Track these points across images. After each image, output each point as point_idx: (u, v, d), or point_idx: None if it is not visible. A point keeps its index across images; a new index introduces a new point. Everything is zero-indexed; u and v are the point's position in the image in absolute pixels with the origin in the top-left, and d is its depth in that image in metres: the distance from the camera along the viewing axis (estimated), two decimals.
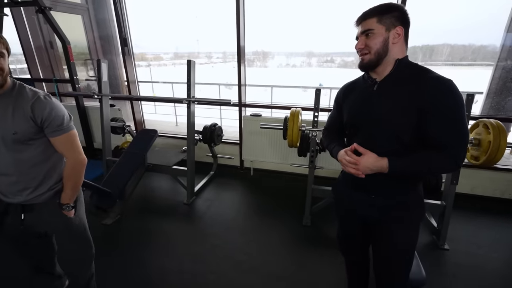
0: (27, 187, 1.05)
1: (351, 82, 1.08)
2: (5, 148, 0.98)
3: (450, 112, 0.82)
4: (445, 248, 1.91)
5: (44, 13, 2.82)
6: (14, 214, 1.08)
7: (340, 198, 1.15)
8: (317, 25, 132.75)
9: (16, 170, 1.02)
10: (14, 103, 0.97)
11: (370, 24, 0.87)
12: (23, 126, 0.97)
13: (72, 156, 1.10)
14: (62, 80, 3.44)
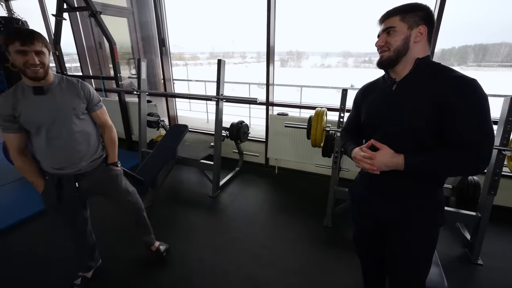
0: (85, 155, 1.30)
1: (370, 82, 1.07)
2: (66, 123, 1.22)
3: (473, 112, 0.78)
4: (479, 263, 1.77)
5: (95, 17, 3.14)
6: (68, 184, 1.29)
7: (356, 199, 1.15)
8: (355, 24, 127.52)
9: (77, 142, 1.26)
10: (66, 87, 1.24)
11: (392, 22, 0.87)
12: (77, 102, 1.25)
13: (110, 124, 1.44)
14: (108, 77, 3.79)
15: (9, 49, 1.07)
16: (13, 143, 1.20)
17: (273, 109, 3.13)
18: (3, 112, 1.14)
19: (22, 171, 1.25)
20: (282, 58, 48.65)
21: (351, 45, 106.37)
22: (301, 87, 4.88)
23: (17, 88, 1.17)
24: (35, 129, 1.18)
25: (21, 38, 1.06)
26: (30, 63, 1.08)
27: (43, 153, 1.23)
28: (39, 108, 1.17)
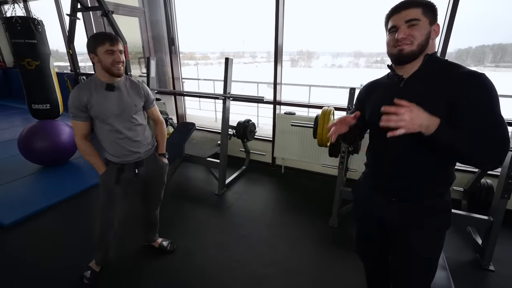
0: (144, 144, 1.49)
1: (374, 80, 1.05)
2: (129, 117, 1.39)
3: (484, 106, 0.75)
4: (490, 269, 1.71)
5: (108, 17, 3.21)
6: (129, 169, 1.47)
7: (358, 199, 1.12)
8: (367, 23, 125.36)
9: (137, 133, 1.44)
10: (130, 86, 1.42)
11: (415, 14, 0.80)
12: (138, 100, 1.44)
13: (162, 119, 1.64)
14: None
15: (97, 51, 1.25)
16: (80, 129, 1.35)
17: (281, 108, 3.12)
18: (78, 103, 1.29)
19: (85, 153, 1.40)
20: (292, 58, 48.40)
21: (362, 45, 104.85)
22: (309, 86, 4.84)
23: (91, 82, 1.33)
24: (102, 120, 1.34)
25: (110, 40, 1.25)
26: (117, 61, 1.27)
27: (108, 142, 1.40)
28: (108, 102, 1.33)
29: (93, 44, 1.25)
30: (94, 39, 1.26)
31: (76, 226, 2.16)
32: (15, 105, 6.22)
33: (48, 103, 2.95)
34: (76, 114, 1.31)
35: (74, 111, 1.31)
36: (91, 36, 1.29)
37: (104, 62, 1.27)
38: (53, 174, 2.91)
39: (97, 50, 1.25)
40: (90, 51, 1.28)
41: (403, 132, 0.71)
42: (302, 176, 3.04)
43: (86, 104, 1.29)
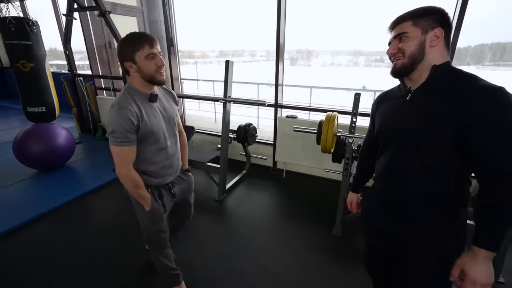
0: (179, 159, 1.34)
1: (386, 91, 0.99)
2: (173, 130, 1.25)
3: (503, 129, 0.67)
4: (500, 281, 1.66)
5: (105, 16, 3.13)
6: (167, 192, 1.29)
7: (367, 214, 1.07)
8: (366, 22, 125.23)
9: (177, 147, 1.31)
10: (167, 94, 1.26)
11: (403, 28, 0.80)
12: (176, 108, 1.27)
13: (183, 131, 1.45)
14: (116, 77, 3.79)
15: (136, 58, 1.02)
16: (131, 156, 1.10)
17: (282, 111, 3.06)
18: (129, 124, 1.03)
19: (136, 185, 1.14)
20: (291, 56, 48.30)
21: (362, 43, 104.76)
22: (311, 88, 4.77)
23: (132, 95, 1.09)
24: (151, 139, 1.14)
25: (149, 41, 1.02)
26: (159, 65, 1.06)
27: (153, 163, 1.19)
28: (156, 116, 1.15)
29: (130, 50, 1.02)
30: (130, 43, 1.02)
31: (74, 233, 2.10)
32: (12, 106, 6.13)
33: (43, 106, 2.88)
34: (124, 138, 1.04)
35: (122, 135, 1.03)
36: (124, 40, 1.04)
37: (146, 70, 1.03)
38: (50, 179, 2.84)
39: (135, 57, 1.02)
40: (126, 59, 1.03)
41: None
42: (304, 180, 2.98)
43: (136, 122, 1.05)
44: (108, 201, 2.54)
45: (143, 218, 1.28)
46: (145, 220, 1.28)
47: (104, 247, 1.94)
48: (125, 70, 1.08)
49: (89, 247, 1.94)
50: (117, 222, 2.22)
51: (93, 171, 3.07)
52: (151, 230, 1.31)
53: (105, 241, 2.00)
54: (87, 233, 2.09)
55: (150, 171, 1.20)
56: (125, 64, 1.05)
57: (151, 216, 1.26)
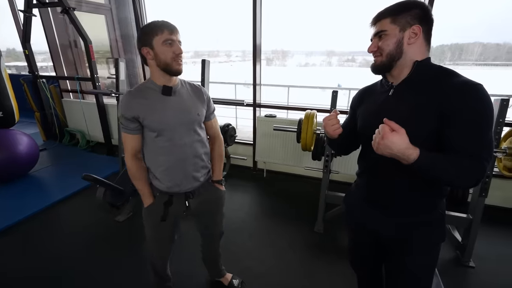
0: (203, 167, 1.19)
1: (368, 86, 1.00)
2: (190, 129, 1.12)
3: (477, 120, 0.71)
4: (470, 265, 1.76)
5: (69, 14, 2.92)
6: (178, 202, 1.17)
7: (351, 210, 1.07)
8: (339, 23, 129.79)
9: (198, 152, 1.15)
10: (191, 90, 1.15)
11: (383, 25, 0.80)
12: (201, 108, 1.15)
13: (221, 136, 1.30)
14: (84, 78, 3.56)
15: (154, 42, 0.99)
16: (130, 144, 1.09)
17: (260, 111, 3.04)
18: (129, 112, 1.04)
19: (135, 177, 1.13)
20: (267, 56, 48.71)
21: (334, 44, 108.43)
22: (288, 87, 4.82)
23: (144, 86, 1.08)
24: (156, 133, 1.08)
25: (169, 27, 1.00)
26: (177, 53, 1.02)
27: (160, 163, 1.11)
28: (166, 110, 1.07)
29: (148, 34, 0.99)
30: (150, 28, 1.00)
31: (39, 248, 1.92)
32: None
33: (0, 111, 2.62)
34: (125, 125, 1.06)
35: (123, 121, 1.06)
36: (144, 26, 1.02)
37: (162, 56, 1.00)
38: (10, 190, 2.59)
39: (153, 41, 0.99)
40: (143, 44, 1.01)
41: (379, 152, 0.74)
42: (285, 179, 2.98)
43: (137, 113, 1.04)
44: (78, 212, 2.37)
45: (146, 230, 1.23)
46: (147, 232, 1.23)
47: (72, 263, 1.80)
48: (143, 57, 1.05)
49: (54, 266, 1.79)
50: (87, 235, 2.08)
51: (60, 180, 2.86)
52: (148, 237, 1.25)
53: (73, 257, 1.86)
54: (52, 250, 1.93)
55: (156, 171, 1.13)
56: (143, 50, 1.02)
57: (147, 221, 1.20)
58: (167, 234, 1.26)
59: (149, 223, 1.21)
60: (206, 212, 1.31)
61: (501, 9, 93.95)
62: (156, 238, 1.25)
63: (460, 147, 0.73)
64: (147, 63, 1.05)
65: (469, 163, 0.72)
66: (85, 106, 3.63)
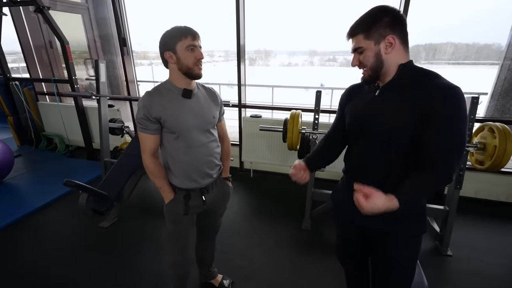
0: (217, 165, 1.25)
1: (356, 84, 1.03)
2: (207, 131, 1.17)
3: (453, 121, 0.77)
4: (448, 254, 1.87)
5: (43, 13, 2.80)
6: (196, 196, 1.21)
7: (338, 206, 1.11)
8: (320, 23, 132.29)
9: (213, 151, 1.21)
10: (207, 94, 1.21)
11: (358, 42, 0.84)
12: (215, 111, 1.20)
13: (228, 136, 1.39)
14: (61, 80, 3.42)
15: (177, 48, 1.03)
16: (149, 144, 1.11)
17: (246, 111, 3.05)
18: (149, 112, 1.06)
19: (153, 175, 1.15)
20: (250, 56, 48.78)
21: (316, 43, 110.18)
22: (272, 87, 4.86)
23: (164, 88, 1.11)
24: (176, 135, 1.11)
25: (192, 33, 1.04)
26: (199, 58, 1.06)
27: (179, 161, 1.16)
28: (186, 112, 1.11)
29: (172, 39, 1.03)
30: (173, 33, 1.04)
31: (19, 259, 1.83)
32: None
33: None
34: (145, 125, 1.08)
35: (143, 122, 1.07)
36: (167, 31, 1.05)
37: (185, 61, 1.04)
38: None
39: (176, 47, 1.03)
40: (166, 48, 1.05)
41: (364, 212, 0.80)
42: (271, 179, 3.02)
43: (159, 115, 1.06)
44: (59, 220, 2.28)
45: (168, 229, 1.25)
46: (169, 228, 1.25)
47: (55, 274, 1.73)
48: (164, 61, 1.09)
49: (34, 278, 1.71)
50: (69, 244, 2.01)
51: (38, 187, 2.73)
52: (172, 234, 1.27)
53: (55, 267, 1.79)
54: (31, 261, 1.85)
55: (175, 169, 1.17)
56: (165, 54, 1.06)
57: (170, 216, 1.22)
58: (189, 229, 1.28)
59: (171, 218, 1.23)
60: (216, 206, 1.35)
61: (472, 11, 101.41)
62: (179, 233, 1.27)
63: (434, 147, 0.78)
64: (167, 66, 1.10)
65: (440, 171, 0.79)
66: (63, 109, 3.49)
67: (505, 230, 2.16)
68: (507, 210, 2.41)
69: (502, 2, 10.55)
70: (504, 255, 1.87)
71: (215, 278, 1.61)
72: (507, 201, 2.48)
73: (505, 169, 2.42)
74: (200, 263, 1.57)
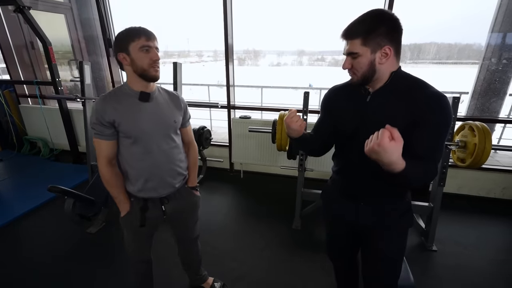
0: (179, 174, 1.20)
1: (341, 86, 1.02)
2: (167, 136, 1.13)
3: (438, 128, 0.82)
4: (433, 249, 1.93)
5: (23, 13, 2.71)
6: (154, 207, 1.17)
7: (328, 204, 1.14)
8: (308, 23, 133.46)
9: (174, 158, 1.17)
10: (169, 97, 1.16)
11: (354, 47, 0.82)
12: (178, 115, 1.16)
13: (195, 143, 1.32)
14: (44, 82, 3.32)
15: (130, 48, 0.98)
16: (105, 151, 1.06)
17: (235, 112, 3.05)
18: (103, 117, 1.01)
19: (109, 184, 1.10)
20: (239, 56, 48.68)
21: (305, 43, 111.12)
22: (261, 88, 4.87)
23: (119, 91, 1.06)
24: (132, 140, 1.06)
25: (146, 34, 0.99)
26: (154, 59, 1.01)
27: (136, 168, 1.10)
28: (143, 116, 1.06)
29: (124, 40, 0.98)
30: (126, 33, 0.99)
31: (1, 269, 1.77)
32: None
33: None
34: (99, 131, 1.03)
35: (97, 127, 1.02)
36: (121, 32, 1.00)
37: (139, 62, 1.00)
38: None
39: (129, 47, 0.98)
40: (119, 49, 0.99)
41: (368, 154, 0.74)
42: (261, 179, 3.03)
43: (113, 118, 1.01)
44: (44, 226, 2.21)
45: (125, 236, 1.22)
46: (126, 238, 1.22)
47: (42, 282, 1.68)
48: (119, 63, 1.04)
49: (21, 285, 1.66)
50: (55, 251, 1.95)
51: (21, 193, 2.64)
52: (130, 253, 1.25)
53: (42, 274, 1.74)
54: (16, 270, 1.79)
55: (132, 176, 1.11)
56: (119, 55, 1.01)
57: (127, 228, 1.18)
58: (147, 239, 1.26)
59: (128, 229, 1.20)
60: (182, 217, 1.31)
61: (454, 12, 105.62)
62: (136, 243, 1.24)
63: (420, 151, 0.82)
64: (123, 68, 1.05)
65: (429, 165, 0.83)
66: (46, 112, 3.38)
67: (485, 224, 2.25)
68: (486, 204, 2.51)
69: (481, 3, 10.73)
70: (485, 248, 1.95)
71: (206, 281, 1.60)
72: (487, 196, 2.58)
73: (485, 165, 2.52)
74: (185, 267, 1.56)
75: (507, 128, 3.46)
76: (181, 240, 1.44)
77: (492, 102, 2.77)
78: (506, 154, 3.02)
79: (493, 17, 2.74)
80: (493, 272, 1.76)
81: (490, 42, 2.80)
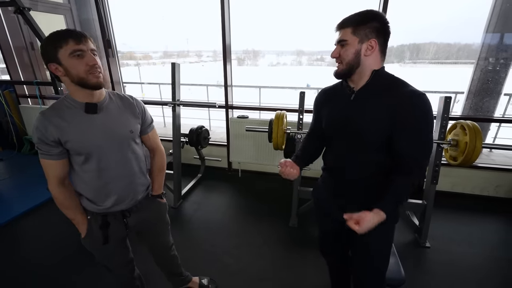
0: (140, 184, 1.10)
1: (330, 87, 1.08)
2: (123, 149, 1.02)
3: (418, 126, 0.85)
4: (426, 246, 1.97)
5: (23, 14, 2.73)
6: (115, 222, 1.08)
7: (319, 202, 1.18)
8: (307, 23, 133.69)
9: (134, 171, 1.07)
10: (122, 105, 1.03)
11: (345, 35, 0.87)
12: (134, 123, 1.05)
13: (161, 148, 1.21)
14: (44, 82, 3.34)
15: (60, 56, 0.85)
16: (53, 171, 0.95)
17: (233, 112, 3.09)
18: (46, 135, 0.89)
19: (63, 206, 0.99)
20: (238, 56, 48.71)
21: (304, 43, 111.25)
22: (259, 88, 4.90)
23: (62, 105, 0.92)
24: (84, 157, 0.95)
25: (74, 36, 0.85)
26: (91, 64, 0.87)
27: (91, 187, 1.00)
28: (92, 130, 0.94)
29: (51, 48, 0.85)
30: (50, 40, 0.85)
31: (0, 267, 1.80)
32: None
33: None
34: (45, 150, 0.91)
35: (42, 146, 0.91)
36: (46, 38, 0.86)
37: (74, 70, 0.87)
38: None
39: (58, 55, 0.85)
40: (49, 60, 0.87)
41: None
42: (259, 178, 3.06)
43: (57, 137, 0.90)
44: (43, 226, 2.24)
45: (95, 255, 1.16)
46: (96, 257, 1.15)
47: (41, 283, 1.71)
48: (53, 74, 0.91)
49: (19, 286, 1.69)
50: (54, 250, 1.98)
51: (21, 192, 2.67)
52: (102, 264, 1.18)
53: (40, 276, 1.77)
54: (15, 269, 1.82)
55: (87, 194, 1.01)
56: (50, 66, 0.88)
57: (88, 246, 1.09)
58: (116, 253, 1.17)
59: (94, 250, 1.11)
60: (148, 226, 1.23)
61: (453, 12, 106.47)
62: (109, 259, 1.17)
63: (404, 150, 0.87)
64: (60, 80, 0.91)
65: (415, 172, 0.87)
66: None
67: (478, 221, 2.29)
68: (480, 202, 2.55)
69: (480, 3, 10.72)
70: (478, 245, 1.99)
71: (192, 281, 1.57)
72: (480, 194, 2.62)
73: (478, 163, 2.56)
74: (167, 275, 1.51)
75: (503, 127, 3.51)
76: (153, 248, 1.36)
77: (485, 101, 2.81)
78: (501, 153, 3.06)
79: (487, 18, 2.78)
80: (485, 268, 1.80)
81: (484, 43, 2.84)
